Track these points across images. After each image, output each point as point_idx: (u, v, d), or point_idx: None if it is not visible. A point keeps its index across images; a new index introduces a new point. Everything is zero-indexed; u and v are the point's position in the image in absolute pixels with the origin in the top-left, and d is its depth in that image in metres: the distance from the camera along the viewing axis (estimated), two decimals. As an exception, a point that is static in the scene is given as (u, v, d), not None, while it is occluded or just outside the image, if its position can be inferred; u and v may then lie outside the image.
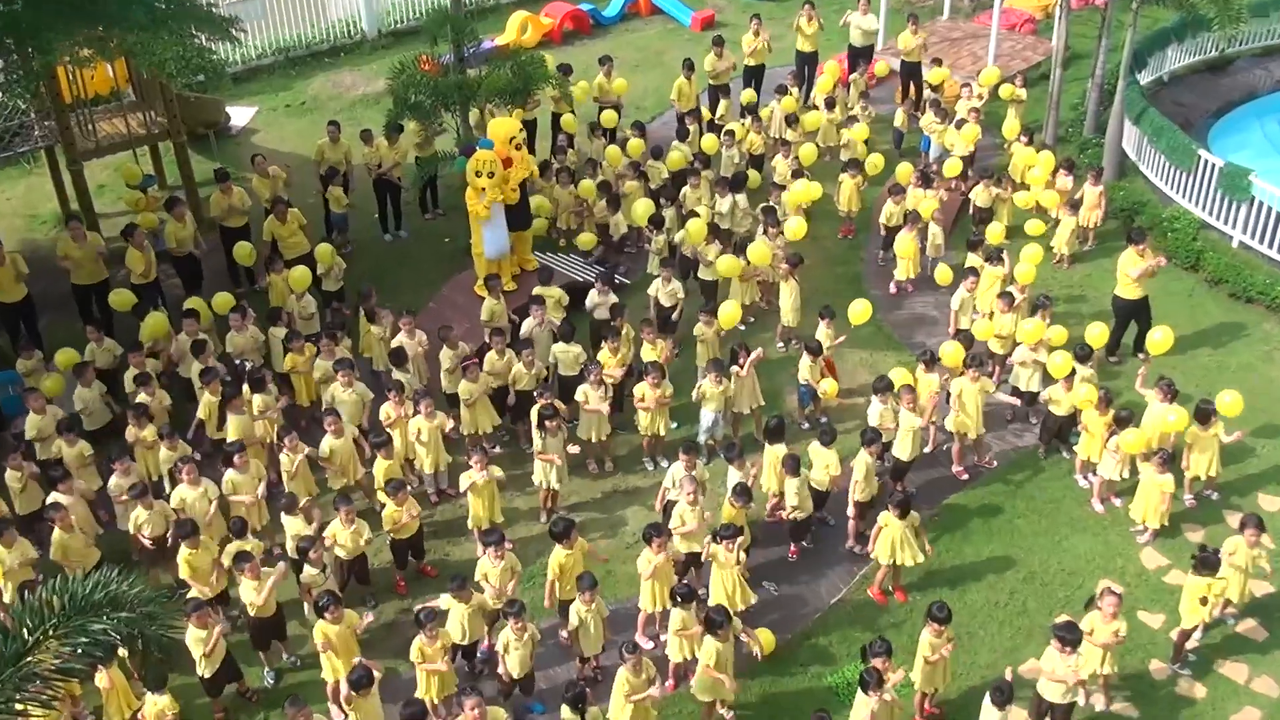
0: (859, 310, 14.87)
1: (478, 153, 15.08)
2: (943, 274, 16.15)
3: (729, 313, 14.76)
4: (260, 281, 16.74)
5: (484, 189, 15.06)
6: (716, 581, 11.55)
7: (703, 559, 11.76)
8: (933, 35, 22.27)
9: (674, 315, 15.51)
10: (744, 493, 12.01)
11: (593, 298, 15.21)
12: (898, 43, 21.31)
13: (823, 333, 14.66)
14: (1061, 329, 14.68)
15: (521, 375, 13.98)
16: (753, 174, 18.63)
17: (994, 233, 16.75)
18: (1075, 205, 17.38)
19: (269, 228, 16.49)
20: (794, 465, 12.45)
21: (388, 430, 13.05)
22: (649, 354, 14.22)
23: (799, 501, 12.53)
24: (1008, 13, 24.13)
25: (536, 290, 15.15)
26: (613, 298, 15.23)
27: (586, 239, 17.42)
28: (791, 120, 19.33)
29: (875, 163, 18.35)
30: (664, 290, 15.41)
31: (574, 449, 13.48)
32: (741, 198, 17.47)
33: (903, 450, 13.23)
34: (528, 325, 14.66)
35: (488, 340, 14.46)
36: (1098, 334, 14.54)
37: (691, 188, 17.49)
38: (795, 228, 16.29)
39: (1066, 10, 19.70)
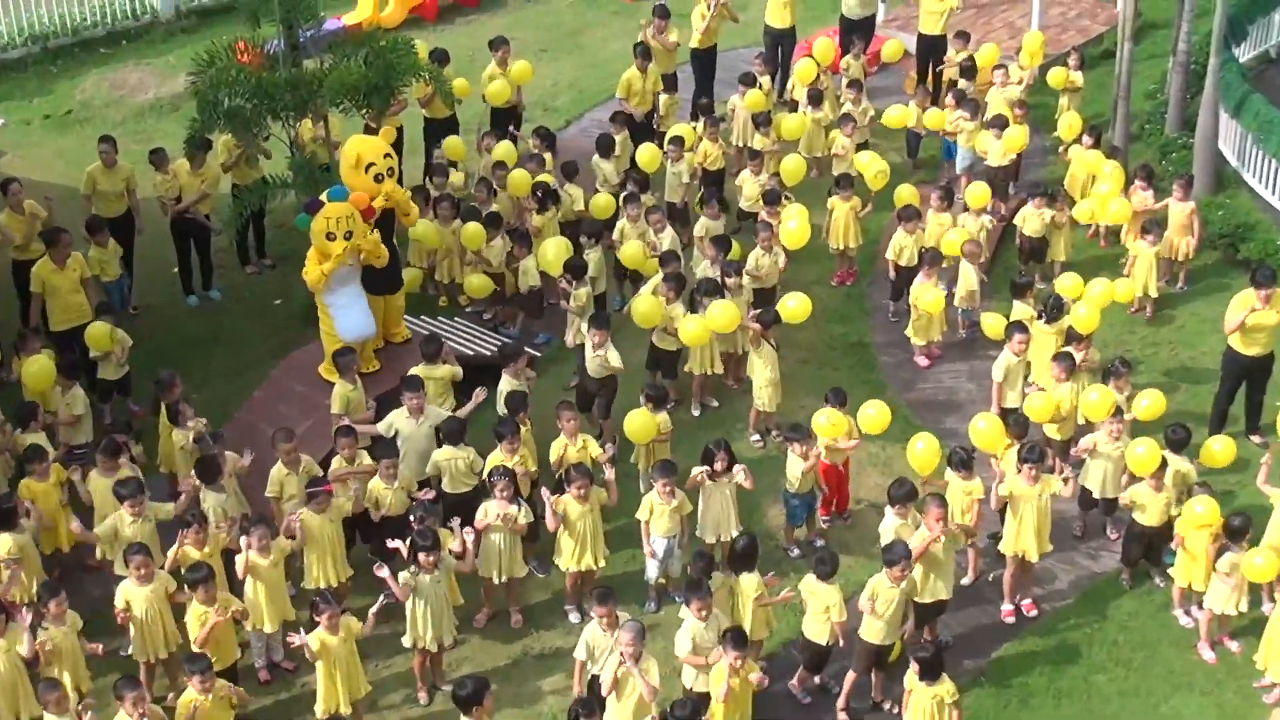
0: (873, 416, 14.70)
1: (328, 206, 15.05)
2: (993, 324, 16.32)
3: (637, 424, 14.58)
4: (9, 370, 16.48)
5: (337, 255, 15.01)
6: None
7: None
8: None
9: (602, 396, 15.60)
10: (740, 640, 11.91)
11: (508, 383, 15.17)
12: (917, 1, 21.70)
13: (828, 427, 14.69)
14: (1149, 401, 14.80)
15: (382, 493, 13.90)
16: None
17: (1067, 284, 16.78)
18: (1158, 230, 17.70)
19: (40, 275, 16.38)
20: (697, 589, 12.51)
21: (206, 564, 12.85)
22: (572, 453, 14.23)
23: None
24: (1056, -33, 24.70)
25: (417, 370, 15.13)
26: (529, 377, 15.27)
27: (478, 284, 17.47)
28: (762, 122, 19.63)
29: (876, 171, 18.53)
30: (591, 358, 15.45)
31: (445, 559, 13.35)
32: (712, 222, 17.66)
33: (927, 588, 13.25)
34: (393, 420, 14.59)
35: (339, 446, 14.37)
36: (1220, 450, 14.42)
37: (629, 220, 17.64)
38: (721, 314, 15.86)
39: (1135, -38, 20.20)
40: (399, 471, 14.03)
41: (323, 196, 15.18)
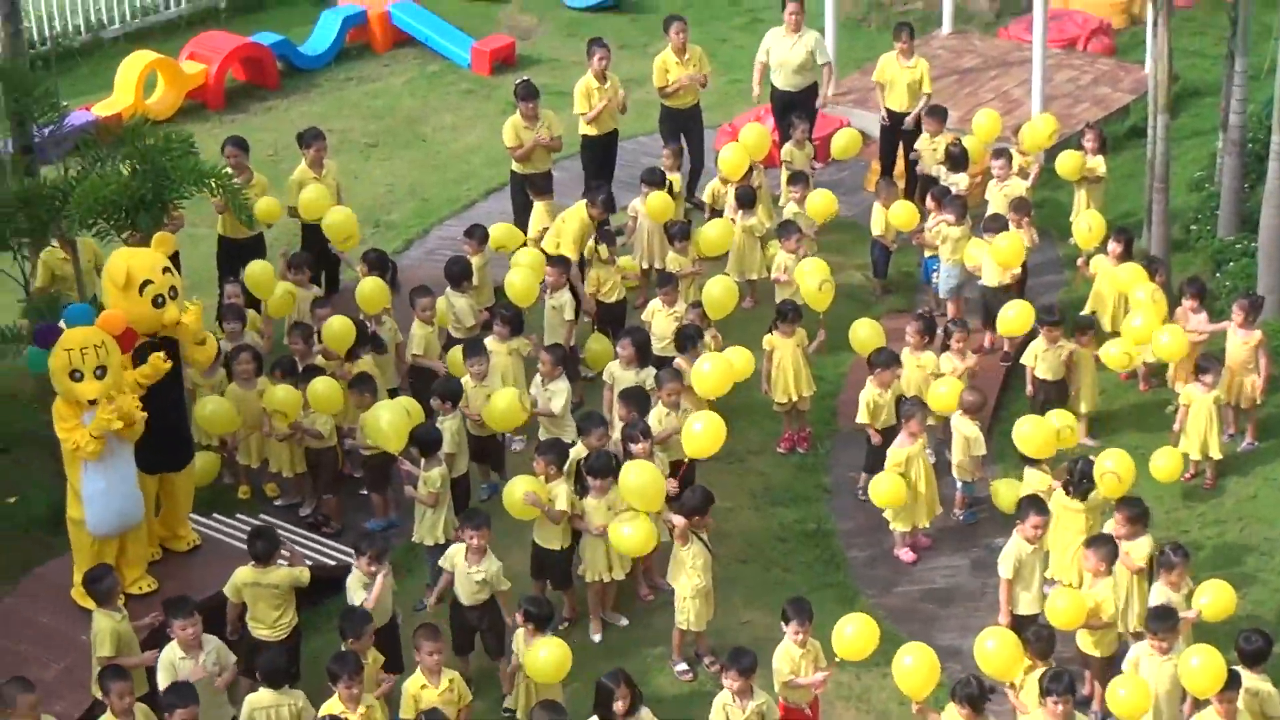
0: (853, 638, 14.36)
1: (68, 334, 14.90)
2: (1005, 492, 16.41)
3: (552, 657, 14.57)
4: None
5: (94, 403, 14.79)
6: None
7: None
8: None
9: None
10: None
11: (358, 590, 15.11)
12: (877, 75, 22.09)
13: (787, 656, 14.43)
14: (1212, 597, 14.75)
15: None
16: (601, 341, 18.83)
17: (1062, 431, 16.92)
18: (1216, 367, 17.80)
19: None
20: None
21: None
22: (431, 695, 14.08)
23: None
24: (1062, 19, 25.33)
25: (244, 574, 14.96)
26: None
27: (339, 329, 17.44)
28: (676, 235, 19.78)
29: (819, 281, 18.58)
30: (464, 574, 15.35)
31: None
32: (623, 371, 17.61)
33: None
34: (168, 664, 14.34)
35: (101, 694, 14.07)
36: None
37: (473, 377, 17.45)
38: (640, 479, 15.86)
39: (1168, 9, 20.31)
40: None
41: (60, 321, 15.02)
